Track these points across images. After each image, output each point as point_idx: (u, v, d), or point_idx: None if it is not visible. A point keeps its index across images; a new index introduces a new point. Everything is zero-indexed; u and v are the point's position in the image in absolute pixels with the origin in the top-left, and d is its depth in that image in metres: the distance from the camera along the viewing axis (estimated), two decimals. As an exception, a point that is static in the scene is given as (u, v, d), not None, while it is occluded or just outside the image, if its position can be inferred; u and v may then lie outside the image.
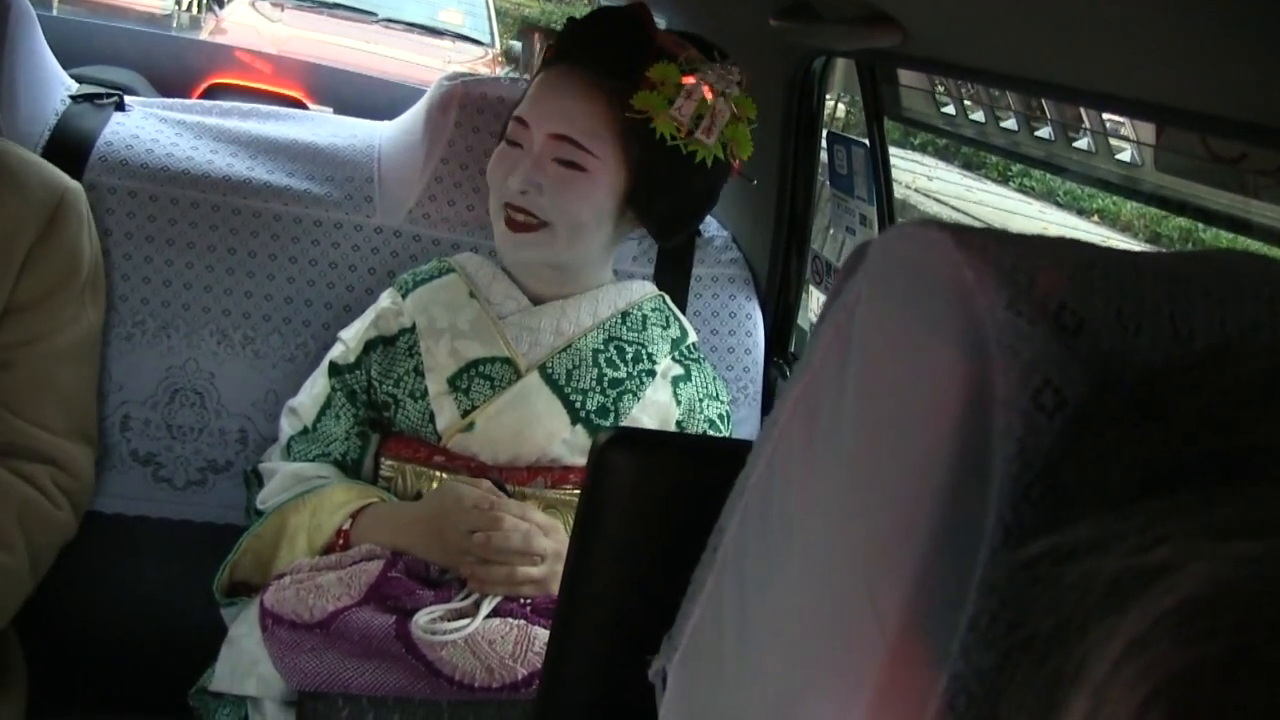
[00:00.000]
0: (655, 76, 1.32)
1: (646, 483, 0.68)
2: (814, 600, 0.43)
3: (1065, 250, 0.40)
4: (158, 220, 1.59)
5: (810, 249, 1.77)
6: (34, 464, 1.42)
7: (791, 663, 0.44)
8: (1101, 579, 0.29)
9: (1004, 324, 0.36)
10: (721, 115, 1.34)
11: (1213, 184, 0.98)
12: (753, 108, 1.38)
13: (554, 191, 1.34)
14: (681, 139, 1.32)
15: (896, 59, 1.38)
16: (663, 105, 1.31)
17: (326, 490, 1.38)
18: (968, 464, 0.36)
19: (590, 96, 1.34)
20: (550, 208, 1.35)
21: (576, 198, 1.34)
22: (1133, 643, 0.27)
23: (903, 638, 0.38)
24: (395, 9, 6.57)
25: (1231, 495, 0.30)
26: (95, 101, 1.68)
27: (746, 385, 1.73)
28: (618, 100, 1.32)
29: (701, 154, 1.34)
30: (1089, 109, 1.17)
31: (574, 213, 1.35)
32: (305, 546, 1.36)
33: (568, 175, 1.34)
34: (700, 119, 1.33)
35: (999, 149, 1.39)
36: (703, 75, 1.33)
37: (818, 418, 0.43)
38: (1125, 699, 0.27)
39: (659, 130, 1.31)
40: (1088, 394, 0.37)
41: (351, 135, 1.75)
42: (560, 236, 1.36)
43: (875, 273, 0.41)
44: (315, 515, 1.36)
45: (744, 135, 1.37)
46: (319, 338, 1.62)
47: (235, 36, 5.29)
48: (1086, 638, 0.29)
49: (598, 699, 0.67)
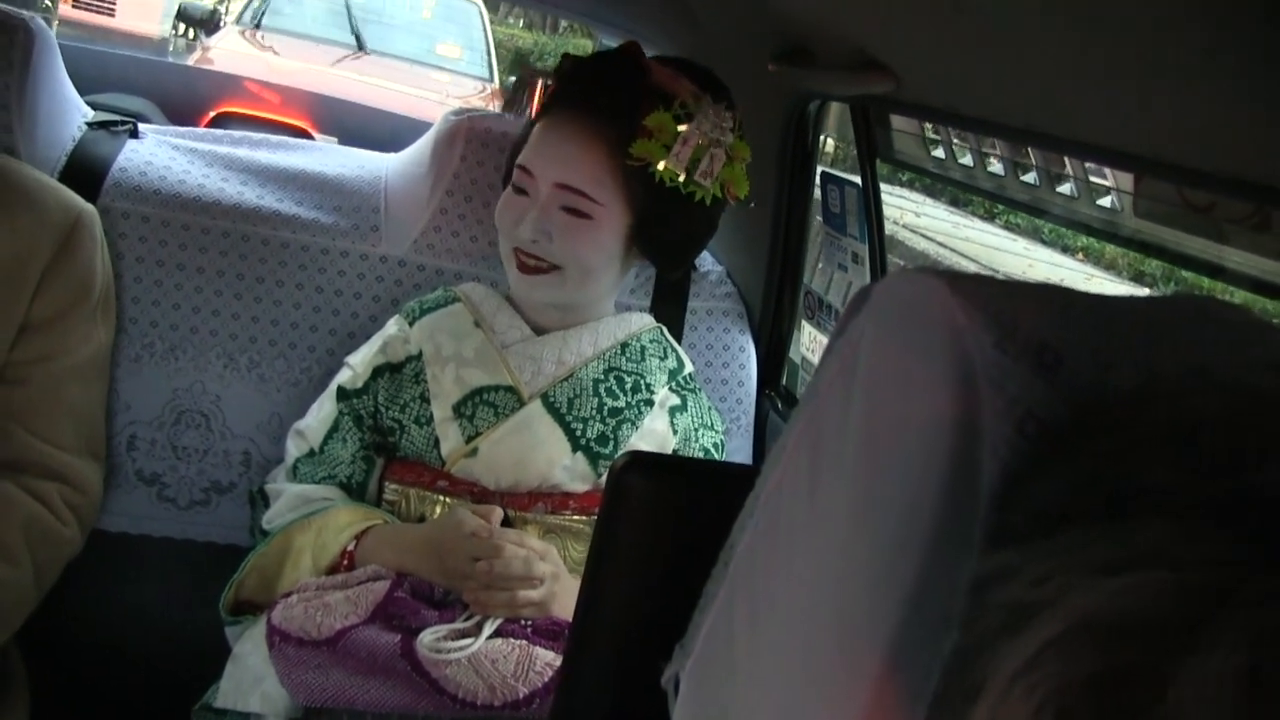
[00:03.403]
0: (652, 125, 1.36)
1: (660, 503, 0.72)
2: (815, 614, 0.47)
3: (1047, 294, 0.45)
4: (169, 245, 1.63)
5: (803, 284, 1.81)
6: (44, 480, 1.45)
7: (794, 672, 0.48)
8: (1003, 607, 0.35)
9: (991, 360, 0.41)
10: (718, 159, 1.39)
11: (1186, 230, 1.04)
12: (747, 150, 1.43)
13: (563, 238, 1.39)
14: (681, 182, 1.37)
15: (889, 104, 1.43)
16: (661, 152, 1.36)
17: (332, 512, 1.41)
18: (958, 485, 0.40)
19: (592, 144, 1.38)
20: (560, 253, 1.39)
21: (585, 243, 1.39)
22: (1026, 662, 0.33)
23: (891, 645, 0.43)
24: (390, 42, 6.56)
25: (1112, 533, 0.35)
26: (110, 128, 1.73)
27: (739, 416, 1.77)
28: (618, 146, 1.37)
29: (700, 194, 1.39)
30: (1071, 158, 1.23)
31: (583, 257, 1.39)
32: (310, 566, 1.39)
33: (575, 223, 1.38)
34: (698, 162, 1.38)
35: (986, 192, 1.44)
36: (698, 123, 1.38)
37: (823, 443, 0.48)
38: (1018, 711, 0.32)
39: (659, 175, 1.36)
40: (1066, 423, 0.42)
41: (359, 166, 1.80)
42: (571, 278, 1.41)
43: (878, 313, 0.46)
44: (320, 535, 1.40)
45: (740, 175, 1.42)
46: (323, 363, 1.66)
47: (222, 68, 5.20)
48: (986, 657, 0.35)
49: (612, 707, 0.71)
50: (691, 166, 1.37)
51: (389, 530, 1.41)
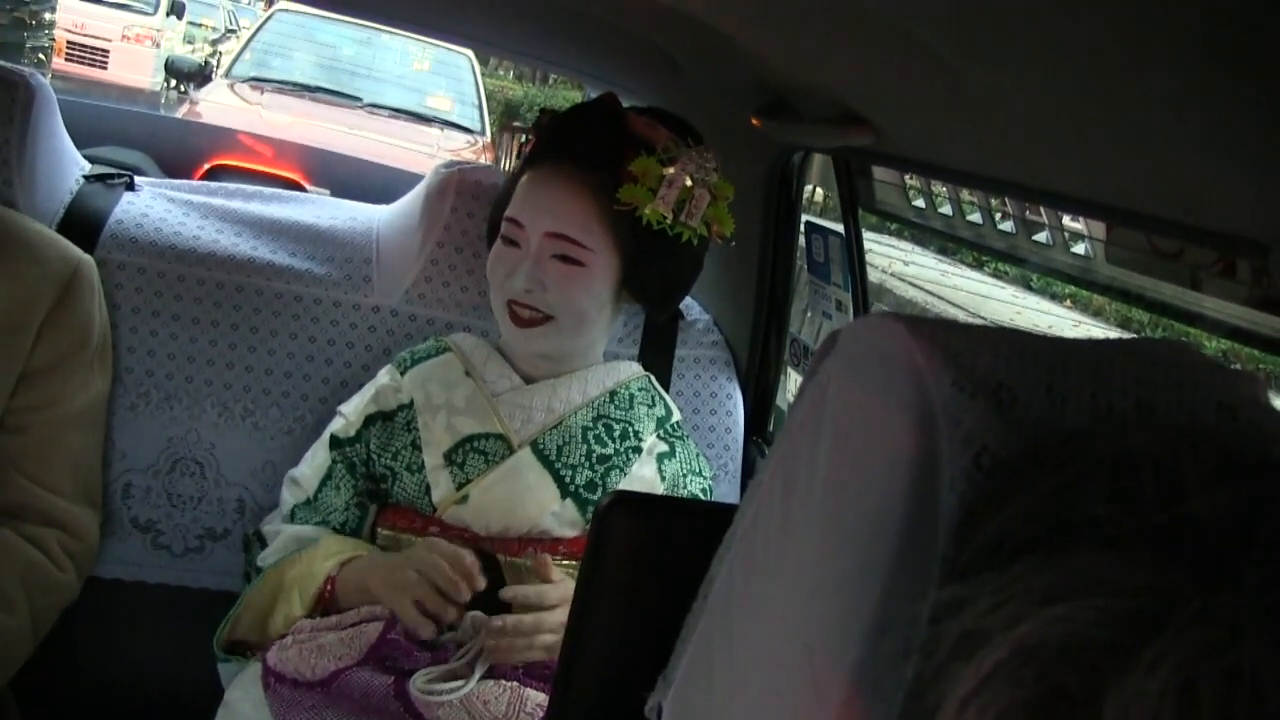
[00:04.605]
0: (637, 170, 1.40)
1: (644, 541, 0.75)
2: (786, 643, 0.49)
3: (1003, 337, 0.48)
4: (164, 296, 1.66)
5: (789, 332, 1.84)
6: (42, 527, 1.46)
7: (767, 699, 0.50)
8: (957, 635, 0.38)
9: (949, 398, 0.43)
10: (703, 199, 1.43)
11: (1156, 276, 1.07)
12: (730, 189, 1.47)
13: (557, 288, 1.42)
14: (668, 224, 1.41)
15: (870, 155, 1.47)
16: (647, 196, 1.39)
17: (321, 544, 1.44)
18: (918, 517, 0.43)
19: (578, 193, 1.41)
20: (555, 303, 1.42)
21: (579, 291, 1.42)
22: (976, 685, 0.36)
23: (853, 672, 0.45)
24: (381, 94, 6.59)
25: (1056, 563, 0.37)
26: (107, 181, 1.76)
27: (727, 463, 1.79)
28: (604, 192, 1.40)
29: (687, 235, 1.42)
30: (1044, 207, 1.26)
31: (577, 305, 1.42)
32: (299, 599, 1.41)
33: (568, 271, 1.41)
34: (684, 204, 1.41)
35: (965, 240, 1.48)
36: (682, 165, 1.42)
37: (794, 480, 0.50)
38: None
39: (646, 218, 1.40)
40: (1019, 457, 0.44)
41: (351, 218, 1.83)
42: (566, 327, 1.44)
43: (844, 356, 0.49)
44: (309, 566, 1.41)
45: (724, 213, 1.46)
46: (316, 411, 1.68)
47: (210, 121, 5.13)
48: (941, 681, 0.37)
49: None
50: (678, 208, 1.41)
51: (371, 559, 1.42)
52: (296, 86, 6.41)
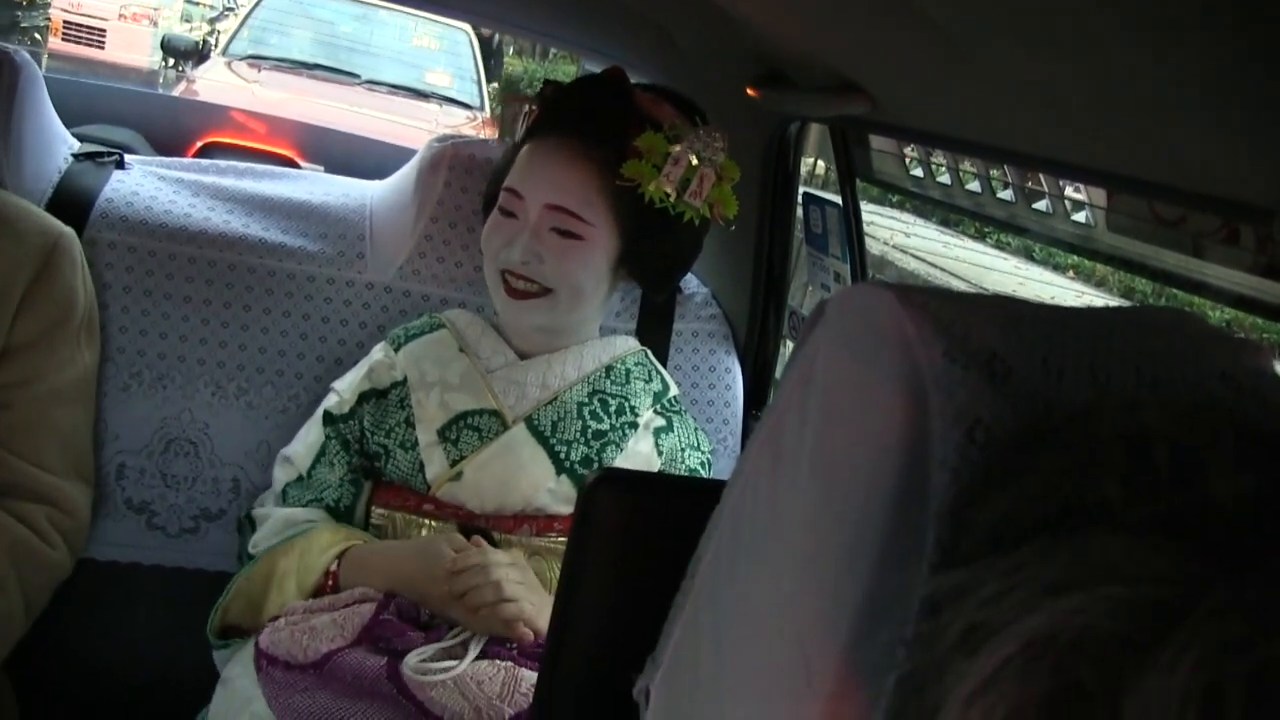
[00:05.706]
0: (643, 146, 1.38)
1: (632, 518, 0.73)
2: (774, 626, 0.48)
3: (998, 306, 0.46)
4: (155, 275, 1.64)
5: (788, 305, 1.82)
6: (30, 504, 1.45)
7: (755, 684, 0.49)
8: (958, 627, 0.36)
9: (940, 370, 0.42)
10: (708, 179, 1.41)
11: (1158, 244, 1.05)
12: (737, 170, 1.45)
13: (554, 260, 1.40)
14: (671, 203, 1.39)
15: (867, 125, 1.45)
16: (652, 173, 1.37)
17: (313, 534, 1.42)
18: (909, 490, 0.41)
19: (580, 166, 1.39)
20: (552, 275, 1.40)
21: (576, 265, 1.40)
22: (983, 682, 0.33)
23: (846, 657, 0.44)
24: (379, 70, 6.54)
25: (1065, 549, 0.35)
26: (97, 160, 1.74)
27: (726, 437, 1.77)
28: (607, 167, 1.38)
29: (689, 215, 1.40)
30: (1044, 174, 1.24)
31: (575, 279, 1.41)
32: (295, 589, 1.40)
33: (566, 244, 1.40)
34: (688, 182, 1.39)
35: (964, 209, 1.46)
36: (689, 143, 1.40)
37: (782, 454, 0.49)
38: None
39: (649, 196, 1.37)
40: (1016, 431, 0.42)
41: (344, 194, 1.80)
42: (562, 301, 1.42)
43: (832, 326, 0.47)
44: (304, 558, 1.40)
45: (728, 195, 1.44)
46: (311, 390, 1.66)
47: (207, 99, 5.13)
48: (943, 678, 0.35)
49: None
50: (681, 186, 1.39)
51: (370, 550, 1.41)
52: (294, 64, 6.36)
